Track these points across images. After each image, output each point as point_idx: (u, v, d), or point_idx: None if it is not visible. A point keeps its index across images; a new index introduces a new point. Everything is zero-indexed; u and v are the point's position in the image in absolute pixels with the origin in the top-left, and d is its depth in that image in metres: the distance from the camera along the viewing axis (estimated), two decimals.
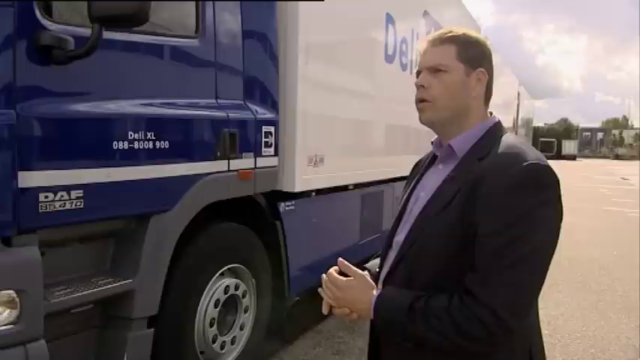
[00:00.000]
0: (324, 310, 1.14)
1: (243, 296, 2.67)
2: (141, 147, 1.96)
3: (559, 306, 4.45)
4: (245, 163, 2.54)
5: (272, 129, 2.73)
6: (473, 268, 0.94)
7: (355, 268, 1.13)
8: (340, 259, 1.14)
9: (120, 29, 1.86)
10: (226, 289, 2.52)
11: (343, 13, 3.33)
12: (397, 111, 4.56)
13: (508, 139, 1.04)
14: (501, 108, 11.69)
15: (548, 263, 0.96)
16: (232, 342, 2.62)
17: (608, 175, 25.14)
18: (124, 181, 1.91)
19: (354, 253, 3.94)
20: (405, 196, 1.18)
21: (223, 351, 2.56)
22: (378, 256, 1.23)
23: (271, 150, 2.74)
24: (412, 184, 1.19)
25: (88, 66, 1.73)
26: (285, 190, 2.91)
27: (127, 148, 1.91)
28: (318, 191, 3.27)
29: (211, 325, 2.44)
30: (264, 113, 2.68)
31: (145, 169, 1.99)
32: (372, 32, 3.96)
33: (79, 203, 1.75)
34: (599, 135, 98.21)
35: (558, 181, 0.97)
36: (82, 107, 1.79)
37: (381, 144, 4.32)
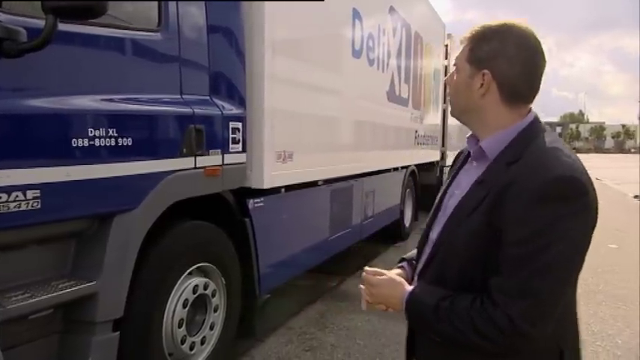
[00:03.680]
0: (363, 307, 1.21)
1: (213, 295, 2.62)
2: (102, 144, 1.88)
3: None
4: (212, 159, 2.49)
5: (239, 125, 2.69)
6: (497, 272, 0.96)
7: (383, 271, 1.18)
8: (366, 267, 1.20)
9: (76, 21, 1.77)
10: (195, 289, 2.47)
11: (310, 7, 3.31)
12: (365, 106, 4.58)
13: (540, 144, 1.01)
14: None
15: (572, 274, 0.98)
16: (202, 342, 2.57)
17: None
18: (84, 179, 1.82)
19: (324, 249, 3.95)
20: (443, 190, 1.20)
21: (193, 352, 2.50)
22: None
23: (239, 146, 2.69)
24: (450, 179, 1.21)
25: (43, 60, 1.64)
26: (253, 186, 2.88)
27: (86, 145, 1.82)
28: (288, 187, 3.24)
29: (180, 326, 2.38)
30: (231, 109, 2.63)
31: (106, 167, 1.91)
32: (339, 27, 3.96)
33: (35, 204, 1.66)
34: (558, 129, 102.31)
35: (588, 190, 0.94)
36: (37, 103, 1.69)
37: (350, 139, 4.33)
